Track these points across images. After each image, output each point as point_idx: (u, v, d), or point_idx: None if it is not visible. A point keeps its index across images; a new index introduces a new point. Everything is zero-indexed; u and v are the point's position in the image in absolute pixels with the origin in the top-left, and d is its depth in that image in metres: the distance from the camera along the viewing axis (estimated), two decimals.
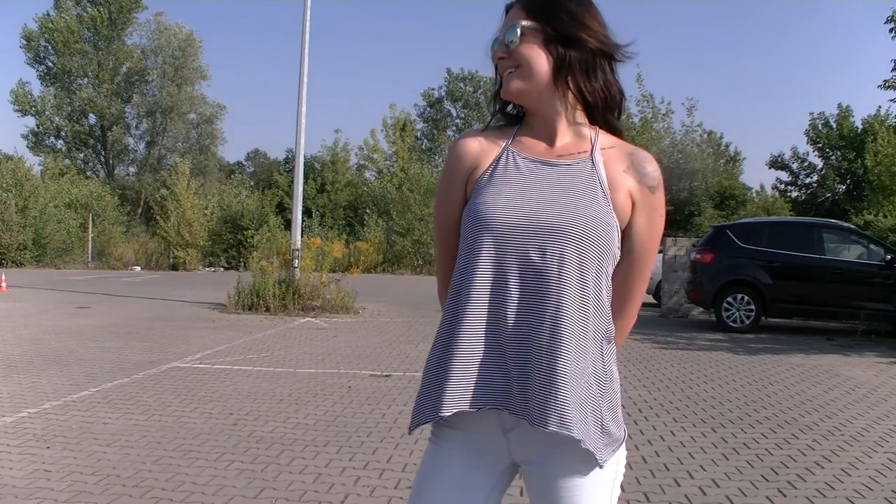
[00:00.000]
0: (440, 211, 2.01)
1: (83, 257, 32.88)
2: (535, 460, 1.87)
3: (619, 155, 1.91)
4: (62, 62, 47.59)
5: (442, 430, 1.95)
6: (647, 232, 1.91)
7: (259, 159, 70.81)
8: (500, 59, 1.89)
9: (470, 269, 1.82)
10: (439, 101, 60.23)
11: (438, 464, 1.96)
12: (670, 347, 11.54)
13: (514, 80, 1.87)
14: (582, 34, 1.85)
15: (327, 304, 15.19)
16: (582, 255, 1.78)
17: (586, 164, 1.87)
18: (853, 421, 6.93)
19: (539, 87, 1.86)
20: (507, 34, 1.87)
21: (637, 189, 1.89)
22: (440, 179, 2.01)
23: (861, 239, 14.43)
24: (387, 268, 32.59)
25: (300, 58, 16.67)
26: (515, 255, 1.79)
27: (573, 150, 1.89)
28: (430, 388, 1.87)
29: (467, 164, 1.92)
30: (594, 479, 1.84)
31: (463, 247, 1.86)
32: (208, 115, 51.31)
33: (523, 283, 1.78)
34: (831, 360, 10.65)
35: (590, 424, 1.78)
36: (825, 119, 40.88)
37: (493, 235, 1.79)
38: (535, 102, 1.90)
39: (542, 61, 1.85)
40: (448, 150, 2.05)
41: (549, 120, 1.91)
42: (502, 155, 1.90)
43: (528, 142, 1.93)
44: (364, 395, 7.57)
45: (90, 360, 9.20)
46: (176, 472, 5.05)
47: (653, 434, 6.28)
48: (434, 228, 2.07)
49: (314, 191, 44.48)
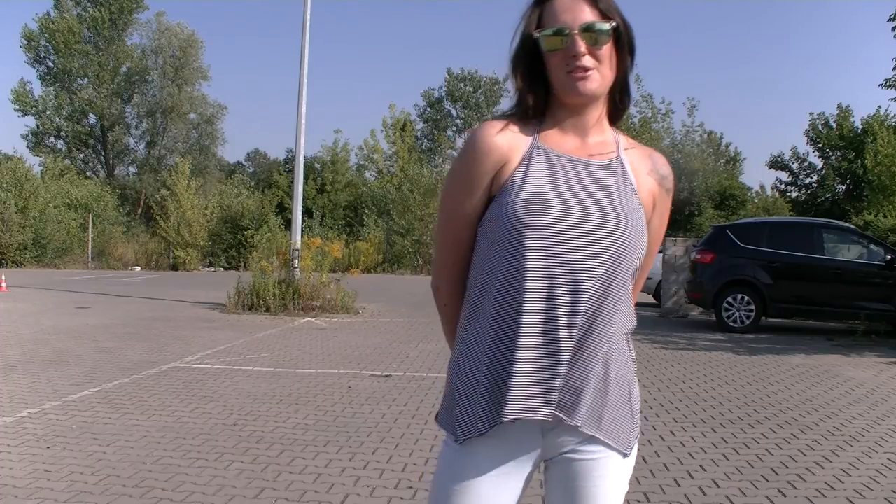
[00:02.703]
0: (455, 204, 1.91)
1: (83, 257, 32.88)
2: (566, 453, 1.88)
3: (641, 157, 1.93)
4: (63, 62, 47.51)
5: (476, 441, 1.86)
6: (659, 229, 1.99)
7: (259, 159, 70.87)
8: (583, 56, 1.75)
9: (517, 273, 1.77)
10: (439, 101, 60.24)
11: (467, 475, 1.87)
12: (670, 347, 11.54)
13: (594, 82, 1.78)
14: (631, 39, 1.85)
15: (327, 305, 15.18)
16: (628, 258, 1.81)
17: (617, 165, 1.86)
18: (853, 421, 6.93)
19: (606, 91, 1.84)
20: (583, 29, 1.75)
21: (657, 191, 1.94)
22: (457, 170, 1.91)
23: (861, 239, 14.42)
24: (387, 268, 32.60)
25: (300, 58, 16.68)
26: (563, 257, 1.76)
27: (602, 149, 1.87)
28: (482, 396, 1.82)
29: (494, 159, 1.82)
30: (622, 466, 1.90)
31: (499, 247, 1.80)
32: (209, 115, 51.22)
33: (574, 286, 1.76)
34: (831, 360, 10.65)
35: (626, 423, 1.88)
36: (825, 119, 40.88)
37: (538, 237, 1.75)
38: (591, 104, 1.85)
39: (614, 64, 1.81)
40: (468, 139, 1.87)
41: (587, 118, 1.86)
42: (533, 151, 1.83)
43: (556, 137, 1.86)
44: (364, 395, 7.56)
45: (90, 361, 9.20)
46: (176, 472, 5.05)
47: (653, 434, 6.28)
48: (442, 220, 1.97)
49: (314, 191, 44.46)
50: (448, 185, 1.95)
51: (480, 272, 1.86)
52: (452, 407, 1.90)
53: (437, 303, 2.08)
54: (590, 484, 1.86)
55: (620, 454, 1.88)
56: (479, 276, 1.87)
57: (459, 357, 1.90)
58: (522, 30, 1.85)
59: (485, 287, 1.84)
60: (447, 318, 2.06)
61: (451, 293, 2.01)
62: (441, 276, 2.02)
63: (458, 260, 1.95)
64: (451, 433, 1.89)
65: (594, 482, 1.86)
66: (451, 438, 1.90)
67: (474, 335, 1.85)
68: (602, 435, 1.84)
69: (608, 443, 1.85)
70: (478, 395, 1.82)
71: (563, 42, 1.76)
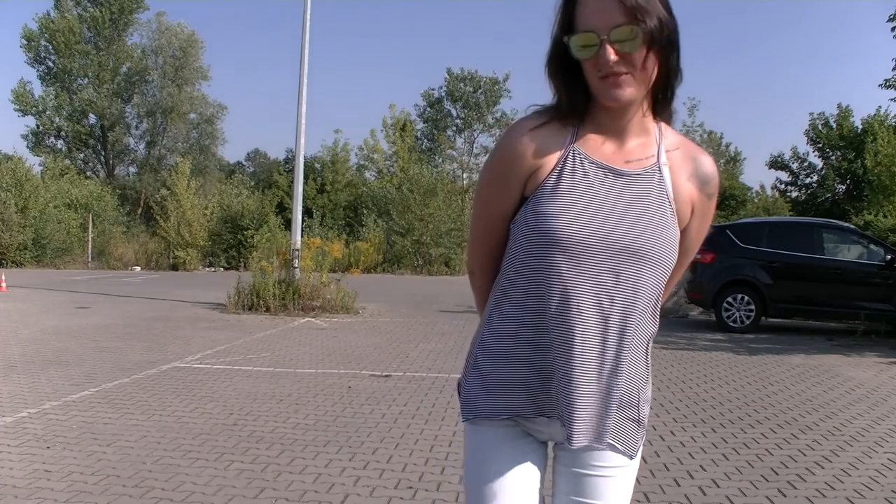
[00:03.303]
0: (488, 200, 1.91)
1: (83, 257, 32.85)
2: (568, 448, 1.91)
3: (683, 159, 1.87)
4: (63, 62, 47.53)
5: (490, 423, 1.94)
6: (698, 234, 1.95)
7: (259, 159, 70.92)
8: (614, 63, 1.67)
9: (540, 288, 1.79)
10: (439, 101, 60.13)
11: (493, 447, 1.94)
12: (670, 347, 11.53)
13: (628, 88, 1.70)
14: (674, 36, 1.76)
15: (327, 305, 15.17)
16: (654, 275, 1.79)
17: (654, 173, 1.81)
18: (853, 421, 6.93)
19: (644, 93, 1.76)
20: (614, 35, 1.66)
21: (698, 197, 1.89)
22: (491, 168, 1.89)
23: (861, 239, 14.41)
24: (387, 268, 32.55)
25: (300, 58, 16.68)
26: (588, 275, 1.75)
27: (641, 154, 1.82)
28: (497, 390, 1.89)
29: (529, 160, 1.80)
30: (628, 466, 1.95)
31: (528, 258, 1.80)
32: (209, 115, 51.23)
33: (596, 304, 1.76)
34: (831, 360, 10.64)
35: (632, 427, 1.91)
36: (825, 119, 40.85)
37: (565, 253, 1.74)
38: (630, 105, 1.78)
39: (652, 68, 1.72)
40: (504, 137, 1.84)
41: (626, 119, 1.80)
42: (567, 157, 1.79)
43: (594, 140, 1.82)
44: (364, 395, 7.56)
45: (90, 360, 9.20)
46: (176, 472, 5.05)
47: (652, 434, 6.27)
48: (476, 215, 1.97)
49: (314, 191, 44.45)
50: (482, 179, 1.93)
51: (511, 267, 1.87)
52: (468, 383, 1.97)
53: (471, 283, 2.12)
54: (596, 477, 1.91)
55: (627, 456, 1.93)
56: (508, 270, 1.88)
57: (482, 340, 1.94)
58: (554, 33, 1.79)
59: (512, 284, 1.86)
60: (480, 298, 2.09)
61: (483, 277, 2.04)
62: (475, 260, 2.05)
63: (490, 249, 1.96)
64: (462, 407, 1.97)
65: (601, 474, 1.92)
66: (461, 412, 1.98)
67: (498, 325, 1.89)
68: (613, 440, 1.88)
69: (616, 445, 1.89)
70: (491, 386, 1.89)
71: (594, 49, 1.69)
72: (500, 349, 1.88)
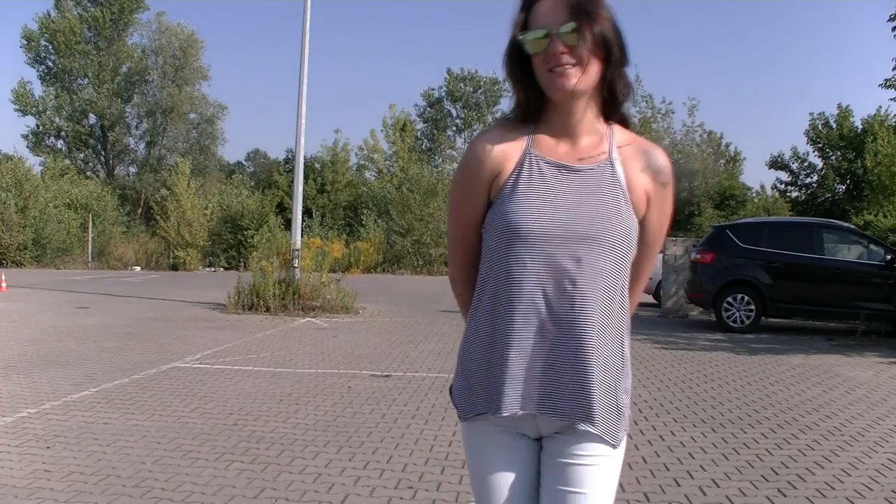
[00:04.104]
0: (459, 210, 2.08)
1: (83, 257, 32.88)
2: (554, 438, 2.01)
3: (634, 153, 1.99)
4: (63, 62, 47.50)
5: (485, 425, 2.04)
6: (658, 223, 2.06)
7: (259, 159, 70.84)
8: (562, 54, 1.85)
9: (511, 281, 1.92)
10: (439, 102, 60.17)
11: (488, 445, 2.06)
12: (670, 347, 11.54)
13: (573, 78, 1.86)
14: (617, 36, 1.91)
15: (327, 305, 15.18)
16: (613, 260, 1.92)
17: (606, 167, 1.95)
18: (853, 421, 6.93)
19: (592, 86, 1.91)
20: (563, 29, 1.84)
21: (652, 187, 2.00)
22: (458, 179, 2.06)
23: (861, 239, 14.41)
24: (387, 268, 32.60)
25: (300, 58, 16.69)
26: (551, 263, 1.89)
27: (593, 151, 1.96)
28: (482, 387, 2.00)
29: (489, 168, 1.96)
30: (611, 455, 2.01)
31: (496, 254, 1.95)
32: (209, 115, 51.18)
33: (560, 289, 1.90)
34: (831, 360, 10.65)
35: (612, 415, 1.98)
36: (825, 119, 40.84)
37: (527, 245, 1.89)
38: (577, 101, 1.93)
39: (599, 62, 1.88)
40: (467, 150, 2.02)
41: (575, 118, 1.95)
42: (524, 159, 1.95)
43: (548, 142, 1.97)
44: (364, 395, 7.57)
45: (90, 361, 9.20)
46: (176, 472, 5.05)
47: (653, 434, 6.28)
48: (451, 224, 2.14)
49: (314, 191, 44.45)
50: (452, 190, 2.12)
51: (483, 266, 2.03)
52: (458, 384, 2.09)
53: (453, 291, 2.26)
54: (579, 466, 1.98)
55: (609, 445, 2.00)
56: (481, 270, 2.03)
57: (465, 340, 2.08)
58: (510, 34, 1.96)
59: (485, 282, 2.01)
60: (463, 305, 2.21)
61: (464, 284, 2.17)
62: (454, 269, 2.20)
63: (466, 255, 2.11)
64: (457, 409, 2.09)
65: (584, 463, 1.98)
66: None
67: (476, 324, 2.03)
68: (592, 427, 1.95)
69: (597, 434, 1.96)
70: (476, 384, 2.02)
71: (545, 44, 1.86)
72: (480, 346, 2.00)
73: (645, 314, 16.56)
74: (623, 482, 1.71)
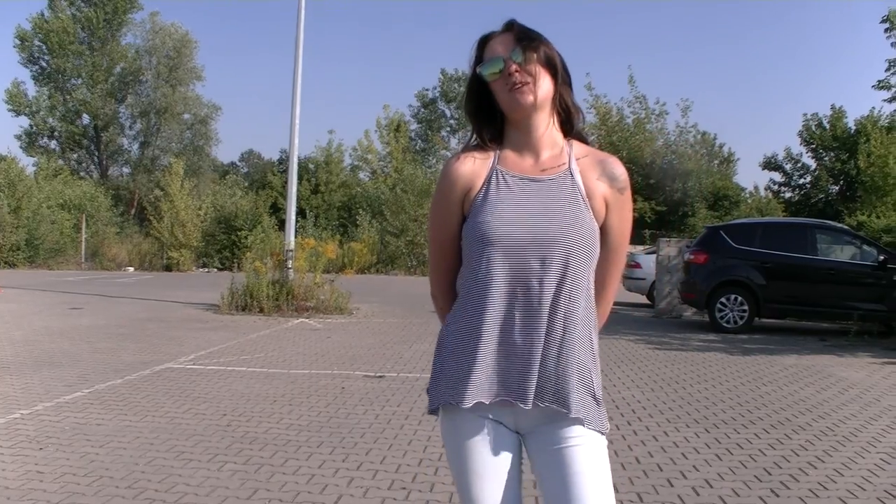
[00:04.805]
0: (437, 227, 2.27)
1: (76, 258, 32.76)
2: (540, 431, 2.14)
3: (591, 163, 2.19)
4: (56, 62, 47.35)
5: (458, 411, 2.17)
6: (619, 227, 2.22)
7: (253, 160, 70.87)
8: (516, 73, 2.08)
9: (483, 281, 2.09)
10: (433, 102, 60.24)
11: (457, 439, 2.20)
12: (664, 348, 11.56)
13: (530, 95, 2.09)
14: (559, 60, 2.17)
15: (321, 305, 15.18)
16: (576, 258, 2.07)
17: (566, 177, 2.14)
18: (846, 421, 6.94)
19: (548, 100, 2.14)
20: (513, 54, 2.09)
21: (609, 193, 2.18)
22: (435, 198, 2.26)
23: (854, 239, 14.45)
24: (381, 268, 32.56)
25: (294, 58, 16.66)
26: (521, 264, 2.06)
27: (554, 163, 2.16)
28: (456, 377, 2.14)
29: (461, 187, 2.17)
30: (595, 439, 2.12)
31: (471, 260, 2.13)
32: (203, 115, 51.08)
33: (530, 287, 2.06)
34: (824, 360, 10.67)
35: (590, 403, 2.12)
36: (818, 120, 40.96)
37: (498, 249, 2.06)
38: (536, 116, 2.14)
39: (549, 78, 2.12)
40: (441, 172, 2.27)
41: (536, 135, 2.17)
42: (492, 175, 2.16)
43: (513, 158, 2.19)
44: (358, 396, 7.56)
45: (83, 361, 9.18)
46: (169, 473, 5.04)
47: (646, 434, 6.29)
48: (430, 240, 2.35)
49: (308, 191, 44.44)
50: (431, 209, 2.32)
51: (461, 277, 2.23)
52: (431, 380, 2.24)
53: (434, 306, 2.42)
54: (569, 448, 2.09)
55: (591, 429, 2.11)
56: (458, 278, 2.26)
57: (439, 341, 2.23)
58: (470, 71, 2.21)
59: (461, 287, 2.21)
60: (443, 319, 2.33)
61: (444, 299, 2.34)
62: (435, 285, 2.37)
63: (446, 273, 2.31)
64: (429, 402, 2.25)
65: (572, 444, 2.09)
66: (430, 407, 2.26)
67: (451, 325, 2.19)
68: (571, 412, 2.07)
69: (578, 417, 2.08)
70: (447, 373, 2.16)
71: (500, 67, 2.10)
72: (453, 344, 2.16)
73: (639, 315, 16.59)
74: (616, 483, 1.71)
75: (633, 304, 18.57)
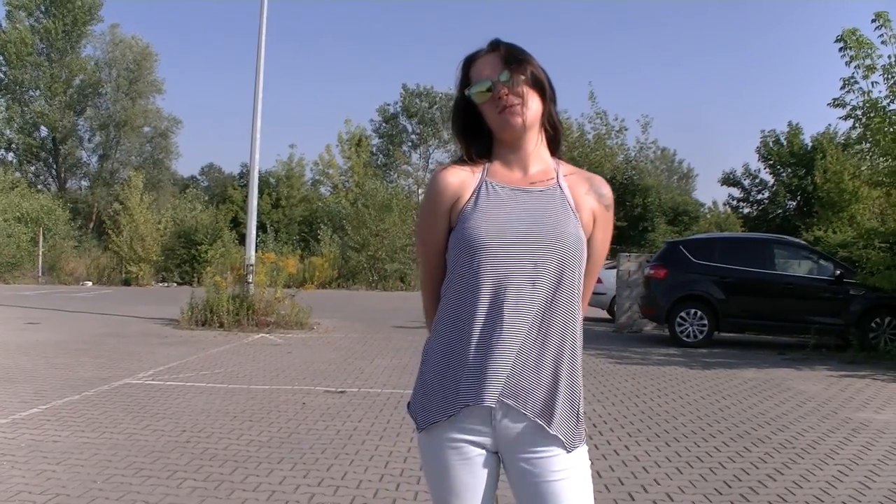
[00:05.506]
0: (426, 237, 2.25)
1: (33, 272, 32.34)
2: (520, 448, 2.11)
3: (580, 180, 2.23)
4: (14, 73, 46.83)
5: (440, 430, 2.15)
6: (602, 243, 2.27)
7: (213, 174, 70.45)
8: (505, 96, 2.10)
9: (472, 286, 2.08)
10: (395, 117, 60.31)
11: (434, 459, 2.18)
12: (624, 362, 11.62)
13: (519, 117, 2.11)
14: (546, 78, 2.19)
15: (282, 320, 15.10)
16: (569, 265, 2.09)
17: (556, 189, 2.17)
18: (804, 434, 7.02)
19: (536, 120, 2.16)
20: (501, 76, 2.10)
21: (598, 208, 2.23)
22: (423, 209, 2.26)
23: (811, 254, 14.65)
24: (342, 283, 32.45)
25: (255, 72, 16.61)
26: (511, 270, 2.06)
27: (543, 177, 2.19)
28: (443, 391, 2.12)
29: (450, 195, 2.16)
30: (579, 462, 2.14)
31: (459, 266, 2.11)
32: (163, 128, 50.84)
33: (520, 293, 2.05)
34: (783, 373, 10.78)
35: (571, 419, 2.12)
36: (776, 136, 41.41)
37: (489, 252, 2.06)
38: (525, 135, 2.16)
39: (537, 98, 2.15)
40: (429, 183, 2.26)
41: (526, 152, 2.19)
42: (481, 185, 2.16)
43: (502, 171, 2.19)
44: (319, 411, 7.52)
45: (40, 377, 9.05)
46: (128, 490, 4.98)
47: (607, 448, 6.31)
48: (419, 252, 2.34)
49: (269, 206, 44.29)
50: (418, 219, 2.33)
51: (446, 286, 2.19)
52: (416, 394, 2.22)
53: (426, 319, 2.39)
54: (552, 480, 2.08)
55: (566, 448, 2.10)
56: (444, 287, 2.20)
57: (426, 348, 2.23)
58: (457, 93, 2.23)
59: (446, 296, 2.17)
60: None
61: (436, 311, 2.27)
62: (428, 298, 2.34)
63: (435, 280, 2.27)
64: (414, 421, 2.21)
65: (555, 477, 2.08)
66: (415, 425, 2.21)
67: (435, 334, 2.19)
68: (552, 428, 2.07)
69: (557, 436, 2.08)
70: (435, 388, 2.14)
71: (488, 92, 2.12)
72: (440, 354, 2.14)
73: (599, 329, 16.67)
74: None
75: (593, 319, 18.64)
